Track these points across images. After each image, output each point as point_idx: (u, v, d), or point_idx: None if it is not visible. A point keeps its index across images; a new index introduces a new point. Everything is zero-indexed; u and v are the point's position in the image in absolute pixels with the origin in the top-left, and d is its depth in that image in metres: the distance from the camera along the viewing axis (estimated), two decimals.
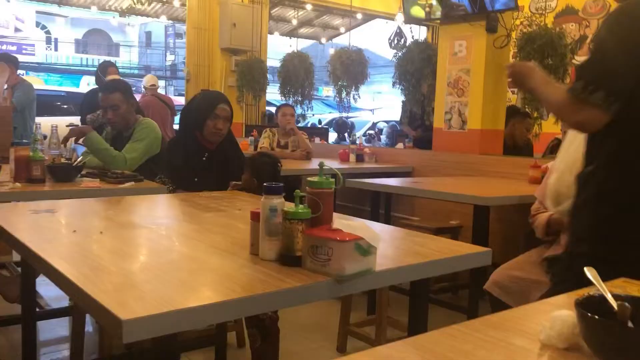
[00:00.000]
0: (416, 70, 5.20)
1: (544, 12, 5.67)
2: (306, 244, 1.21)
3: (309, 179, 1.30)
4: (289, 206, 1.26)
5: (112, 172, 2.71)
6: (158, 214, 2.07)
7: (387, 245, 1.45)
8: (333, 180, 1.31)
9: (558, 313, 0.88)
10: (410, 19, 5.00)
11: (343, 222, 1.23)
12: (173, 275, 1.19)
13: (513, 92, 6.17)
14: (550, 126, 4.47)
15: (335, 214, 1.34)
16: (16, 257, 3.72)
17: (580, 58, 7.20)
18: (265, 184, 1.28)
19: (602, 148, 1.59)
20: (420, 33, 7.55)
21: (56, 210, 1.88)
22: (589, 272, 0.89)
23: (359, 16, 9.19)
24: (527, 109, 4.35)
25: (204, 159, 2.87)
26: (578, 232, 1.68)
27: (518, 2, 4.06)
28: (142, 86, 6.61)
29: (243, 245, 1.38)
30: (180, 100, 11.58)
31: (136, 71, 23.48)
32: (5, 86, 4.86)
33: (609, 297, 0.85)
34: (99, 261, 1.27)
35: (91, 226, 1.71)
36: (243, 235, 1.44)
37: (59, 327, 3.12)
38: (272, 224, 1.27)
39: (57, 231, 1.63)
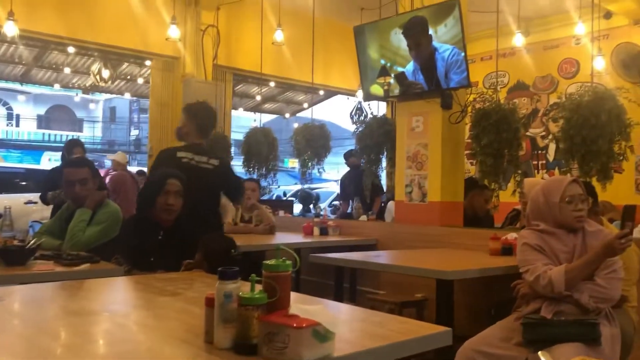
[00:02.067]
0: (375, 144, 5.31)
1: (496, 88, 5.92)
2: (262, 331, 1.18)
3: (264, 262, 1.28)
4: (245, 291, 1.23)
5: (67, 254, 2.63)
6: (112, 300, 2.00)
7: (347, 328, 1.42)
8: (290, 262, 1.29)
9: None
10: (369, 97, 5.15)
11: (300, 307, 1.21)
12: None
13: (472, 164, 6.33)
14: (508, 197, 4.57)
15: (293, 295, 1.32)
16: None
17: (533, 130, 7.52)
18: (219, 269, 1.26)
19: None
20: (379, 108, 7.77)
21: (3, 299, 1.79)
22: (543, 357, 0.89)
23: (321, 92, 9.43)
24: (485, 181, 4.45)
25: (160, 237, 2.81)
26: None
27: (471, 79, 4.24)
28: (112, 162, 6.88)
29: (197, 332, 1.34)
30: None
31: (99, 146, 23.37)
32: None
33: None
34: (48, 357, 1.21)
35: (42, 316, 1.63)
36: (198, 321, 1.39)
37: None
38: (227, 310, 1.23)
39: (5, 322, 1.55)
